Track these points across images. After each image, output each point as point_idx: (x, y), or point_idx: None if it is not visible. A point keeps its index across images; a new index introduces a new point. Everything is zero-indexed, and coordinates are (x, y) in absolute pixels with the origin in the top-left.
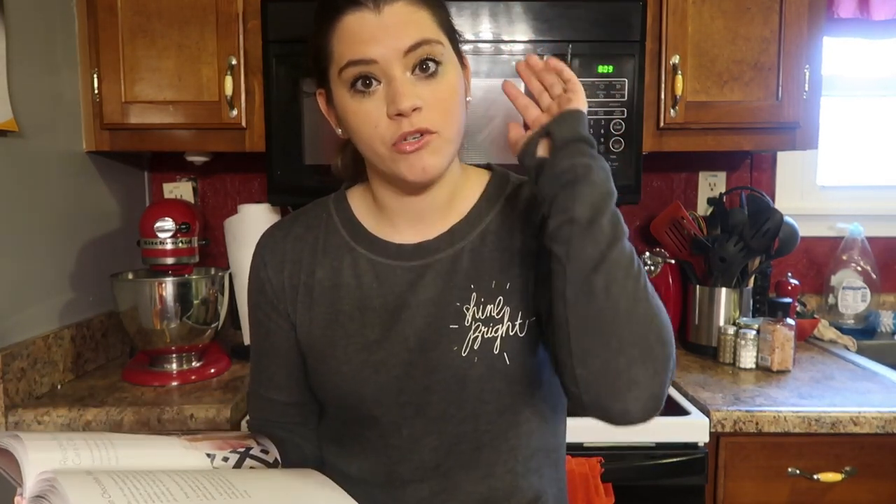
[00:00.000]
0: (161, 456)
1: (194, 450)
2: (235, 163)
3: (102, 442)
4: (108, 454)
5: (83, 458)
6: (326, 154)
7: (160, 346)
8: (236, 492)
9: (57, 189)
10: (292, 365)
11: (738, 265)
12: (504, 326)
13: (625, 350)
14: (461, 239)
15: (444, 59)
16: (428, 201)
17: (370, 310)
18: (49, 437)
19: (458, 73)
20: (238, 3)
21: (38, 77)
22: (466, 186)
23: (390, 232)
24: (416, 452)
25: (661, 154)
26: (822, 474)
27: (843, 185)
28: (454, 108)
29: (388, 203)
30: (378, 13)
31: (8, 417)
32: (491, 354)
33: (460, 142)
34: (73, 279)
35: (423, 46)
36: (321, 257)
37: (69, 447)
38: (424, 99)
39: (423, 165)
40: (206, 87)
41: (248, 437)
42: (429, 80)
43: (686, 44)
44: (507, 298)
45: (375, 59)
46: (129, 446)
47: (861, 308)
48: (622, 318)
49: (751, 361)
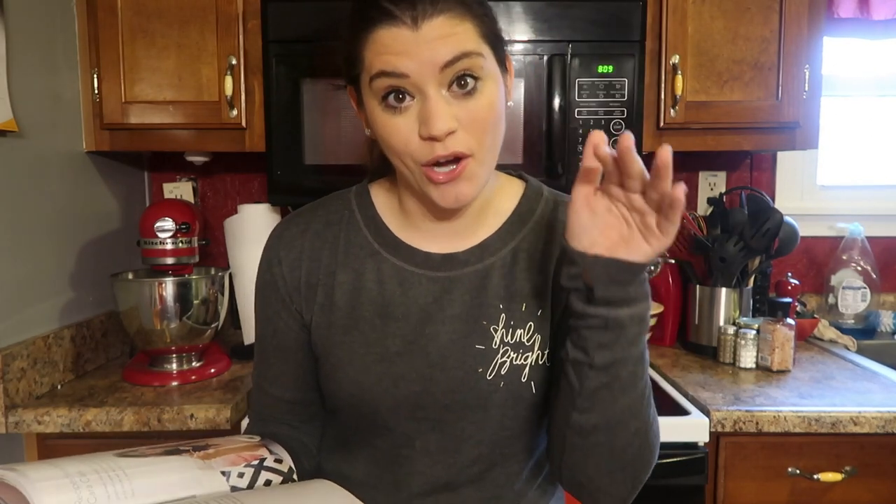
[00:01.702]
0: (176, 483)
1: (209, 469)
2: (235, 163)
3: (115, 473)
4: (124, 488)
5: (98, 497)
6: (327, 153)
7: (160, 346)
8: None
9: (57, 189)
10: (300, 364)
11: (738, 265)
12: (534, 355)
13: (614, 476)
14: (492, 254)
15: (483, 73)
16: (458, 216)
17: (392, 319)
18: (60, 474)
19: (499, 84)
20: (238, 3)
21: (38, 77)
22: (500, 197)
23: (416, 238)
24: (429, 466)
25: None
26: (822, 474)
27: (843, 184)
28: (492, 126)
29: (414, 210)
30: (415, 30)
31: (8, 417)
32: (518, 382)
33: (497, 155)
34: (73, 279)
35: (461, 61)
36: (342, 258)
37: (83, 485)
38: (461, 119)
39: (457, 194)
40: (206, 87)
41: (259, 446)
42: (466, 98)
43: (686, 43)
44: (539, 325)
45: (408, 74)
46: (144, 475)
47: (861, 308)
48: (617, 454)
49: (751, 361)
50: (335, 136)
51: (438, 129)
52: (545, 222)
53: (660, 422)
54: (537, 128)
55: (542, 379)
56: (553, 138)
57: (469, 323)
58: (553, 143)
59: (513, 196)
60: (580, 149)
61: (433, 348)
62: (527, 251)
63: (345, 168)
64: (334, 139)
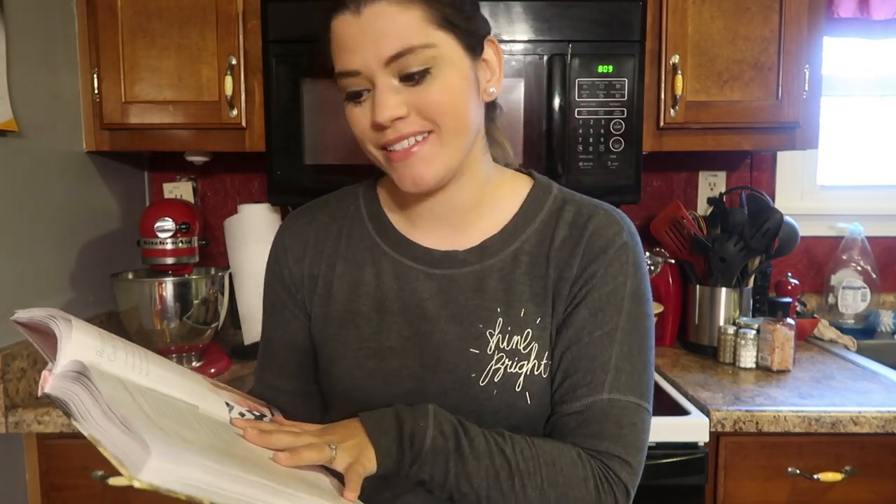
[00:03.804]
0: (185, 388)
1: (217, 395)
2: (235, 163)
3: (139, 353)
4: (141, 364)
5: (118, 357)
6: (327, 153)
7: (160, 346)
8: (264, 461)
9: (57, 189)
10: (302, 356)
11: (738, 265)
12: (530, 364)
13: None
14: (491, 256)
15: (436, 62)
16: (446, 203)
17: (388, 313)
18: (95, 329)
19: (462, 69)
20: (238, 3)
21: (38, 77)
22: (502, 193)
23: (417, 233)
24: None
25: (661, 154)
26: (822, 474)
27: (843, 184)
28: (451, 109)
29: (407, 201)
30: (358, 15)
31: (8, 417)
32: (512, 391)
33: (468, 142)
34: (73, 279)
35: (405, 56)
36: (344, 250)
37: (108, 340)
38: (413, 105)
39: (413, 176)
40: (206, 87)
41: (264, 406)
42: (416, 86)
43: (686, 43)
44: (536, 334)
45: (358, 70)
46: (162, 366)
47: (861, 308)
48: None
49: (751, 361)
50: (335, 136)
51: (382, 118)
52: (551, 224)
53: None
54: (537, 128)
55: (539, 391)
56: (553, 138)
57: (464, 325)
58: (553, 143)
59: (518, 193)
60: (580, 149)
61: (426, 347)
62: (529, 254)
63: (345, 168)
64: (334, 139)
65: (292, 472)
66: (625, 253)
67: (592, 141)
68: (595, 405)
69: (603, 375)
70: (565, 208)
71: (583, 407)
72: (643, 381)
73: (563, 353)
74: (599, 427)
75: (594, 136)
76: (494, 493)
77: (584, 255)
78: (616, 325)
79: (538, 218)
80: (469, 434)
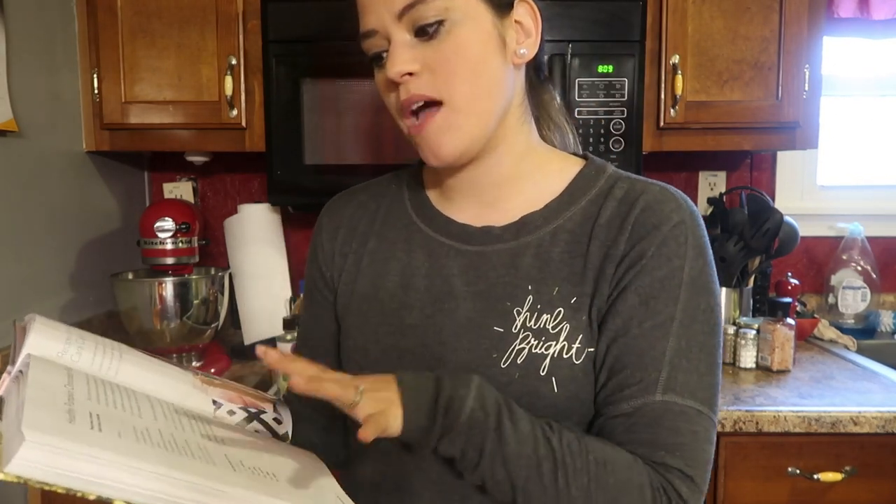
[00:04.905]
0: (162, 386)
1: (202, 393)
2: (235, 163)
3: (112, 352)
4: (111, 364)
5: (82, 359)
6: (327, 153)
7: (160, 346)
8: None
9: (57, 189)
10: (333, 335)
11: (738, 265)
12: (558, 346)
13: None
14: (529, 233)
15: (449, 14)
16: (483, 177)
17: (413, 290)
18: (64, 329)
19: (482, 26)
20: (238, 3)
21: (38, 77)
22: (548, 170)
23: (454, 209)
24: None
25: (661, 154)
26: (822, 474)
27: (843, 184)
28: (465, 69)
29: (442, 177)
30: None
31: None
32: (536, 375)
33: (492, 108)
34: (73, 279)
35: (417, 6)
36: (378, 227)
37: (74, 343)
38: (427, 62)
39: (433, 148)
40: (206, 87)
41: (266, 401)
42: (431, 41)
43: (686, 43)
44: (569, 314)
45: (375, 28)
46: (136, 364)
47: (861, 308)
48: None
49: (751, 361)
50: (335, 136)
51: (392, 72)
52: (599, 202)
53: None
54: None
55: (568, 378)
56: None
57: (490, 301)
58: None
59: (567, 172)
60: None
61: (447, 324)
62: (570, 231)
63: (345, 168)
64: (334, 139)
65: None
66: (682, 232)
67: (592, 141)
68: (646, 407)
69: (655, 373)
70: (617, 185)
71: (631, 409)
72: (706, 384)
73: (608, 346)
74: (652, 434)
75: (594, 135)
76: (532, 486)
77: (633, 231)
78: (671, 315)
79: (586, 197)
80: (514, 414)
